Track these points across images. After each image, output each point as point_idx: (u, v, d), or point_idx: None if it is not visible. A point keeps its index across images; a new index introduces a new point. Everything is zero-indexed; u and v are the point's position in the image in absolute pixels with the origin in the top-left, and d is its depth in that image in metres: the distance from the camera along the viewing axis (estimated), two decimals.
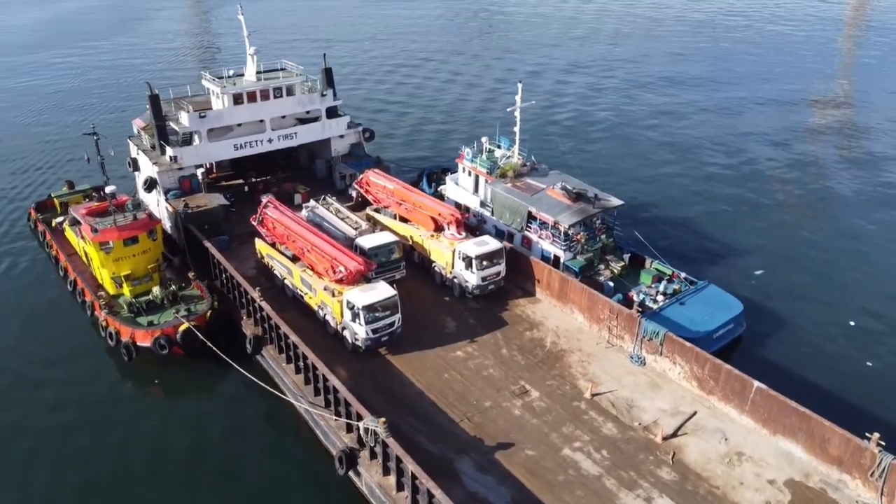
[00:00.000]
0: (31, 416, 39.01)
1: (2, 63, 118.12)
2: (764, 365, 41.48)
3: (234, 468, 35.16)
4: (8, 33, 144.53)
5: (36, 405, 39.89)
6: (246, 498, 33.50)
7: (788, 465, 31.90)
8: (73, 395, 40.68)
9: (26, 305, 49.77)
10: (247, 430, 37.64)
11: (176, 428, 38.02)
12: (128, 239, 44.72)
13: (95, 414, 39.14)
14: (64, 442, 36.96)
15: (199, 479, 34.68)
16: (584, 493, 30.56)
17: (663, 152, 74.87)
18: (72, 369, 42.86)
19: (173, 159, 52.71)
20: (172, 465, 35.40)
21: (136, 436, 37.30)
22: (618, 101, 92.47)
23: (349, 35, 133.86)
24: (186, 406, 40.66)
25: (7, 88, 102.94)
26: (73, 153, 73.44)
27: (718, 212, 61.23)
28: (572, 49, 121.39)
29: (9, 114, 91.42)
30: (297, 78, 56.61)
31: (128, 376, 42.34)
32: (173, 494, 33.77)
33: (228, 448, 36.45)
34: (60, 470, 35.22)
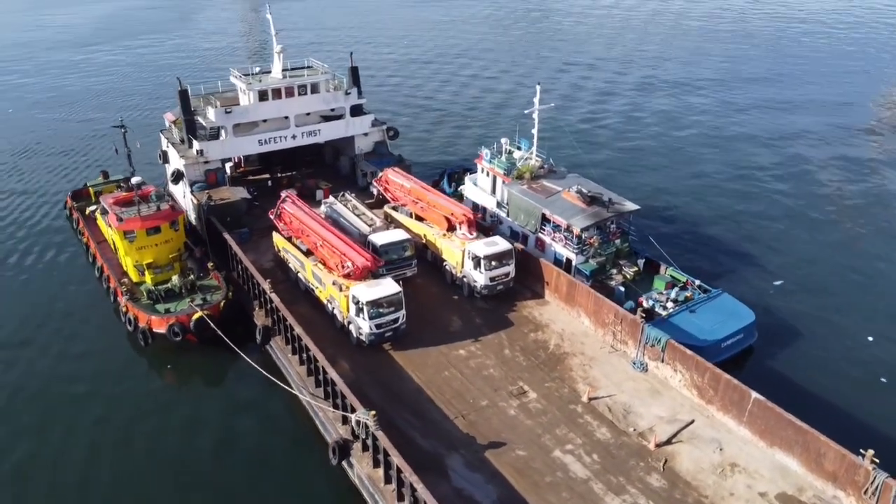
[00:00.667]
0: (51, 385, 41.70)
1: (56, 60, 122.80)
2: (773, 376, 40.95)
3: (234, 451, 36.30)
4: (64, 32, 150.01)
5: (56, 376, 42.45)
6: (243, 480, 34.48)
7: (783, 478, 31.38)
8: (90, 370, 42.84)
9: (56, 288, 52.11)
10: (250, 417, 38.73)
11: (182, 411, 39.45)
12: (150, 228, 46.29)
13: (107, 389, 41.17)
14: (76, 411, 39.45)
15: (199, 459, 36.02)
16: (570, 495, 30.62)
17: (692, 158, 73.91)
18: (91, 349, 44.91)
19: (199, 153, 54.32)
20: (173, 446, 36.81)
21: (142, 414, 39.06)
22: (653, 106, 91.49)
23: (386, 35, 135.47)
24: (195, 391, 42.19)
25: (57, 85, 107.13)
26: (111, 144, 76.14)
27: (742, 221, 60.14)
28: (611, 50, 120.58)
29: (59, 107, 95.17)
30: (322, 76, 57.69)
31: (143, 360, 43.94)
32: (171, 472, 35.15)
33: (230, 432, 37.61)
34: (70, 434, 37.83)
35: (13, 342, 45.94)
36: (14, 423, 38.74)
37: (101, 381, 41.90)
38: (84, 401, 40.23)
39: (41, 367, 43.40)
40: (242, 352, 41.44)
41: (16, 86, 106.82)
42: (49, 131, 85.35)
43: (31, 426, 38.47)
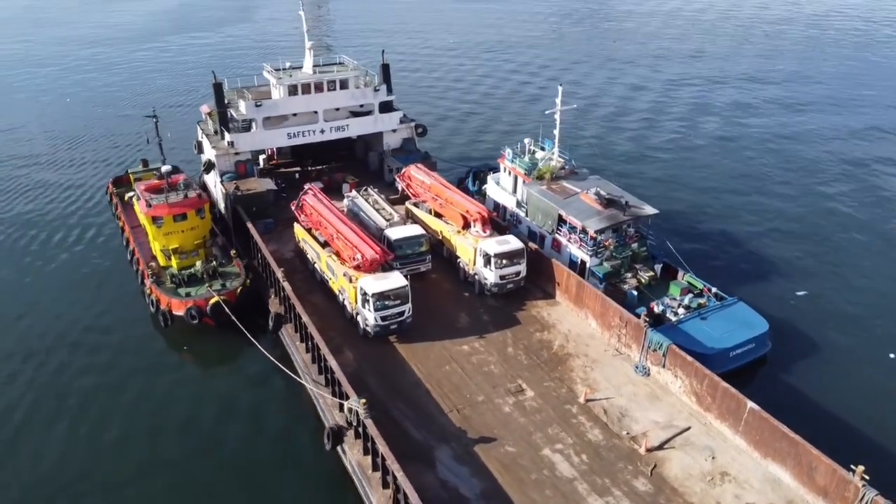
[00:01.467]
0: (76, 353, 44.62)
1: (114, 54, 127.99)
2: (783, 388, 40.36)
3: (238, 431, 37.73)
4: (126, 27, 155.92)
5: (82, 346, 45.47)
6: (242, 458, 35.86)
7: (773, 490, 30.83)
8: (113, 344, 45.49)
9: (91, 267, 55.13)
10: (256, 399, 40.11)
11: (192, 388, 41.36)
12: (177, 215, 48.08)
13: (125, 362, 43.68)
14: (95, 378, 42.23)
15: (200, 433, 37.72)
16: (553, 493, 30.75)
17: (727, 166, 72.75)
18: (116, 325, 47.44)
19: (230, 144, 56.14)
20: (177, 419, 38.66)
21: (153, 386, 41.32)
22: (689, 111, 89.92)
23: (431, 32, 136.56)
24: (207, 371, 44.03)
25: (113, 80, 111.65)
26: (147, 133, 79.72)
27: (768, 229, 59.14)
28: (656, 53, 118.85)
29: (112, 100, 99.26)
30: (351, 72, 58.84)
31: (162, 340, 45.93)
32: (175, 444, 36.91)
33: (237, 413, 39.07)
34: (87, 397, 40.68)
35: (48, 314, 48.83)
36: (35, 383, 41.91)
37: (122, 354, 44.35)
38: (103, 370, 42.90)
39: (69, 337, 46.24)
40: (257, 338, 42.86)
41: (74, 79, 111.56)
42: (102, 121, 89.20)
43: (51, 384, 41.82)
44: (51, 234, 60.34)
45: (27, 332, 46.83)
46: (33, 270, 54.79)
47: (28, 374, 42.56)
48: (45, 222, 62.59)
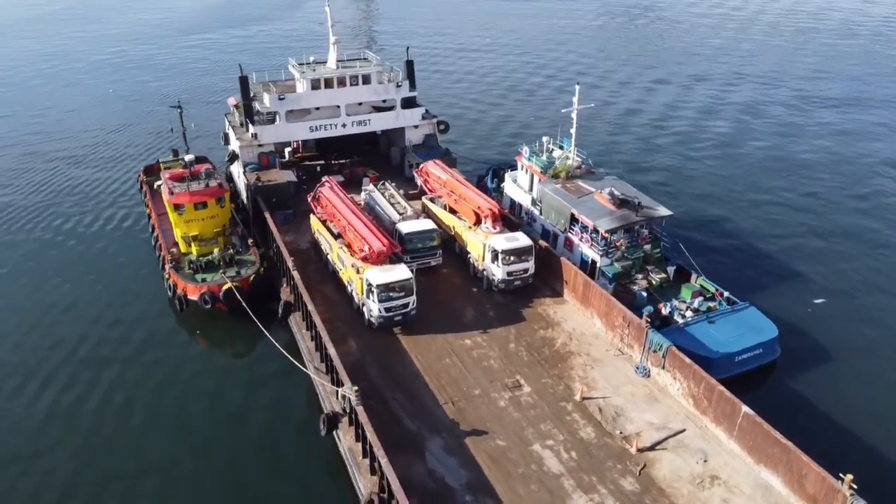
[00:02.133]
0: (90, 333, 46.52)
1: (158, 48, 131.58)
2: (789, 396, 39.74)
3: (241, 414, 38.81)
4: (174, 19, 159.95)
5: (100, 321, 47.74)
6: (244, 440, 36.95)
7: (763, 496, 30.41)
8: (130, 322, 47.58)
9: (118, 252, 57.24)
10: (261, 383, 41.25)
11: (198, 368, 42.87)
12: (198, 203, 49.48)
13: (138, 341, 45.46)
14: (106, 355, 44.11)
15: (200, 408, 39.19)
16: (538, 488, 30.87)
17: (751, 170, 71.59)
18: (135, 307, 49.30)
19: (254, 136, 57.45)
20: (184, 402, 39.93)
21: (162, 364, 43.16)
22: (734, 115, 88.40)
23: (469, 30, 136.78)
24: (217, 355, 45.37)
25: (156, 70, 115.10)
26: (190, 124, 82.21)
27: (791, 236, 57.98)
28: (690, 55, 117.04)
29: (154, 89, 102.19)
30: (374, 67, 59.60)
31: (177, 323, 47.40)
32: (170, 417, 38.70)
33: (238, 395, 40.30)
34: (100, 364, 43.14)
35: (73, 291, 51.43)
36: (56, 349, 44.69)
37: (136, 333, 46.37)
38: (118, 344, 45.27)
39: (90, 313, 48.63)
40: (267, 325, 43.88)
41: (119, 72, 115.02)
42: (141, 112, 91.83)
43: (70, 353, 44.47)
44: (85, 218, 62.74)
45: (51, 306, 49.31)
46: (67, 251, 57.28)
47: (49, 341, 45.38)
48: (82, 207, 65.20)
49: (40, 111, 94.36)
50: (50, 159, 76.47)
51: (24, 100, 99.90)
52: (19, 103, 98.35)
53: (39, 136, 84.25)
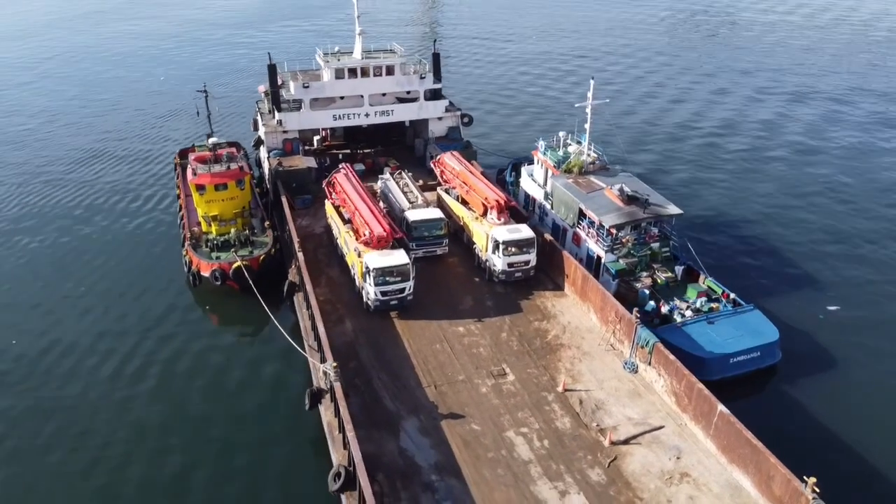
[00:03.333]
0: (114, 305, 49.16)
1: (214, 37, 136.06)
2: (783, 400, 39.11)
3: (240, 387, 40.60)
4: (232, 12, 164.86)
5: (120, 287, 51.10)
6: (238, 411, 38.64)
7: (731, 496, 29.98)
8: (146, 296, 50.08)
9: (149, 230, 60.06)
10: (260, 357, 43.03)
11: (206, 343, 44.75)
12: (219, 184, 51.37)
13: (153, 313, 47.96)
14: (126, 326, 46.53)
15: (208, 387, 40.80)
16: (505, 472, 31.19)
17: (778, 172, 70.14)
18: (154, 281, 52.02)
19: (279, 123, 59.19)
20: (189, 373, 41.82)
21: (170, 333, 45.43)
22: (769, 118, 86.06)
23: (518, 27, 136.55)
24: (223, 329, 47.36)
25: (206, 61, 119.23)
26: (227, 111, 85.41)
27: (811, 241, 56.57)
28: (727, 57, 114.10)
29: (203, 78, 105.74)
30: (398, 58, 60.54)
31: (190, 298, 49.65)
32: (169, 381, 40.97)
33: (242, 371, 42.00)
34: (116, 340, 45.12)
35: (102, 262, 54.83)
36: (77, 321, 47.29)
37: (153, 305, 48.93)
38: (138, 315, 47.70)
39: (116, 286, 51.60)
40: (274, 304, 45.38)
41: (172, 60, 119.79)
42: (189, 98, 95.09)
43: (88, 321, 47.35)
44: (123, 198, 66.04)
45: (83, 277, 52.56)
46: (102, 227, 60.50)
47: (76, 311, 48.43)
48: (126, 185, 68.81)
49: (100, 94, 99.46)
50: (101, 139, 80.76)
51: (89, 84, 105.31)
52: (84, 87, 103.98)
53: (95, 118, 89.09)
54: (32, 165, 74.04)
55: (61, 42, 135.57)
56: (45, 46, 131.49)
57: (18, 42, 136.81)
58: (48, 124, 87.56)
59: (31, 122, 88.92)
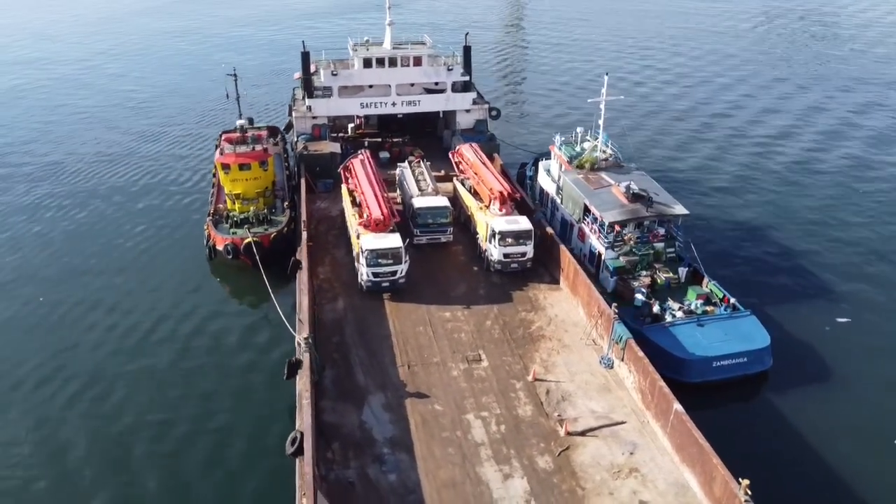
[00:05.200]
0: (136, 263, 53.67)
1: (277, 30, 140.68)
2: (763, 409, 38.06)
3: (232, 355, 42.73)
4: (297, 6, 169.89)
5: (146, 253, 55.03)
6: (226, 377, 40.81)
7: (676, 495, 29.69)
8: (165, 264, 53.48)
9: (183, 205, 63.52)
10: (259, 332, 44.94)
11: (215, 313, 47.14)
12: (242, 164, 53.85)
13: (171, 281, 50.98)
14: (147, 291, 49.61)
15: (204, 353, 43.10)
16: (455, 452, 31.86)
17: (797, 183, 67.32)
18: (176, 252, 55.45)
19: (309, 108, 61.38)
20: (190, 337, 44.53)
21: (178, 302, 48.10)
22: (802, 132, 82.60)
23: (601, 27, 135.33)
24: (229, 300, 50.12)
25: (262, 53, 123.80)
26: (268, 97, 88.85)
27: (828, 251, 54.44)
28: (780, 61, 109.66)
29: (258, 66, 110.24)
30: (425, 50, 61.62)
31: (206, 270, 52.46)
32: (180, 354, 43.07)
33: (237, 340, 44.19)
34: (136, 302, 48.28)
35: (140, 229, 58.89)
36: (101, 290, 50.35)
37: (170, 273, 52.21)
38: (156, 273, 51.92)
39: (142, 243, 56.52)
40: (283, 281, 47.32)
41: (231, 51, 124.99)
42: (245, 83, 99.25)
43: (116, 287, 50.66)
44: (168, 175, 70.12)
45: (115, 243, 56.77)
46: (148, 200, 64.68)
47: (101, 281, 51.52)
48: (173, 163, 73.07)
49: (171, 79, 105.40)
50: (156, 128, 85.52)
51: (164, 70, 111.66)
52: (151, 71, 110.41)
53: (162, 101, 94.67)
54: (104, 143, 79.52)
55: (143, 29, 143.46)
56: (130, 34, 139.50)
57: (107, 27, 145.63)
58: (119, 107, 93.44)
59: (109, 102, 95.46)
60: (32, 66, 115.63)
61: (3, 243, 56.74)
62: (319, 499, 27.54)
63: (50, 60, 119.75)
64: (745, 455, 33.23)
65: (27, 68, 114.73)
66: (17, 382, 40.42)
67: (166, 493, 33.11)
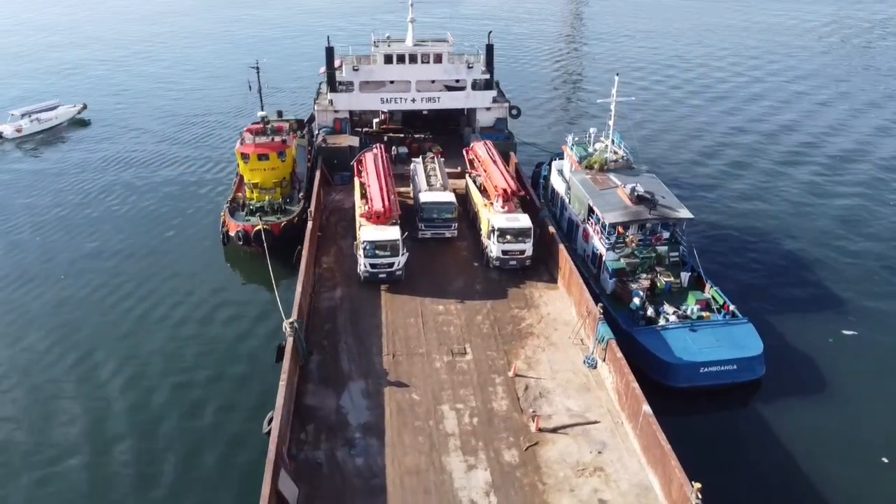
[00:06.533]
0: (157, 243, 56.34)
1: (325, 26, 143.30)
2: (749, 418, 37.32)
3: (234, 338, 44.17)
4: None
5: (167, 241, 57.02)
6: (222, 354, 42.52)
7: (637, 495, 29.58)
8: (181, 246, 56.17)
9: (208, 195, 65.61)
10: (261, 315, 46.07)
11: (224, 297, 48.75)
12: (261, 155, 55.51)
13: (185, 262, 53.36)
14: (164, 272, 51.79)
15: (209, 333, 44.78)
16: (424, 440, 32.39)
17: (816, 193, 65.39)
18: (193, 236, 57.78)
19: (330, 102, 62.79)
20: (197, 317, 46.37)
21: (196, 288, 49.73)
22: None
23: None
24: (235, 283, 51.86)
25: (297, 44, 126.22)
26: (295, 92, 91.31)
27: (843, 262, 52.84)
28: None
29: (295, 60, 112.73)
30: (446, 47, 62.22)
31: (219, 254, 54.35)
32: (186, 334, 44.77)
33: (238, 319, 45.98)
34: (154, 284, 50.34)
35: (163, 212, 61.85)
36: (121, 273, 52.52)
37: (190, 249, 55.46)
38: (173, 254, 54.53)
39: (166, 230, 58.77)
40: (288, 267, 48.75)
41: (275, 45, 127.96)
42: (283, 77, 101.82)
43: (135, 267, 53.11)
44: (195, 165, 72.76)
45: (141, 223, 59.86)
46: (179, 184, 67.85)
47: (122, 261, 54.14)
48: (209, 155, 75.81)
49: (209, 73, 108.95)
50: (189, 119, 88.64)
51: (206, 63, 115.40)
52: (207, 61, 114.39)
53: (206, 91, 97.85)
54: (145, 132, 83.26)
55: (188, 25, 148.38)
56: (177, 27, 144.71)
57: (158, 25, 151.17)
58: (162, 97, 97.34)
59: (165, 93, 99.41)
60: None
61: (38, 226, 59.83)
62: (282, 476, 28.46)
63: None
64: (719, 462, 33.41)
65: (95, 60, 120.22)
66: (29, 354, 42.98)
67: (144, 455, 35.05)
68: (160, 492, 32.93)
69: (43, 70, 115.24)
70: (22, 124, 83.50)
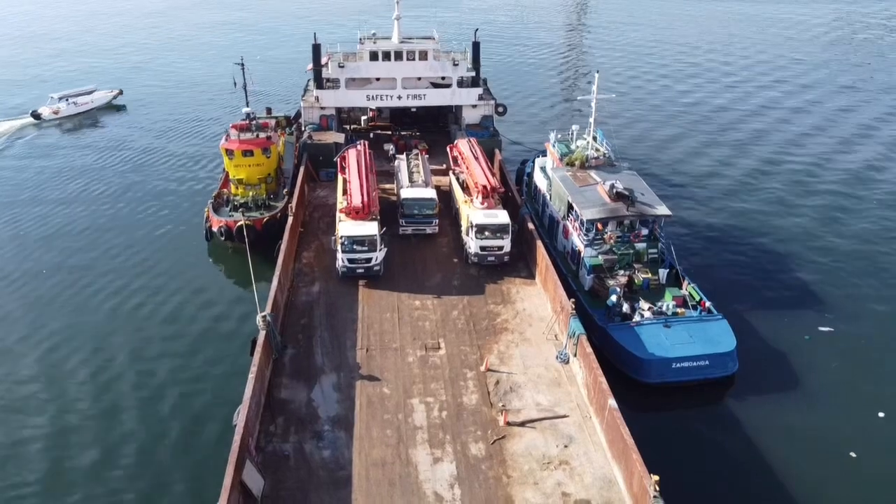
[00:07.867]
0: (139, 239, 56.75)
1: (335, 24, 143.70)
2: (730, 414, 37.58)
3: (210, 329, 44.66)
4: None
5: (152, 236, 57.46)
6: (196, 346, 43.04)
7: (600, 488, 29.76)
8: (165, 241, 56.55)
9: (197, 187, 66.18)
10: (238, 307, 46.60)
11: (203, 289, 49.21)
12: (245, 151, 55.71)
13: (169, 257, 53.89)
14: (147, 266, 52.58)
15: (187, 324, 45.28)
16: (392, 433, 32.58)
17: (806, 193, 65.43)
18: (178, 232, 58.10)
19: (316, 99, 62.97)
20: (178, 309, 46.92)
21: (174, 275, 50.98)
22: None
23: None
24: (216, 277, 52.07)
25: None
26: (288, 90, 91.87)
27: (820, 259, 53.24)
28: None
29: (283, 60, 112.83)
30: (431, 45, 62.39)
31: (202, 249, 54.63)
32: (166, 321, 45.64)
33: (215, 312, 46.45)
34: (140, 278, 50.92)
35: (153, 208, 62.26)
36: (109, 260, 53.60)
37: (173, 244, 55.92)
38: (156, 249, 55.13)
39: (151, 234, 58.15)
40: (268, 261, 48.92)
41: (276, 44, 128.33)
42: (278, 74, 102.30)
43: (117, 259, 53.78)
44: (184, 162, 73.12)
45: (129, 219, 60.45)
46: (167, 183, 68.11)
47: (108, 252, 54.85)
48: (204, 152, 76.02)
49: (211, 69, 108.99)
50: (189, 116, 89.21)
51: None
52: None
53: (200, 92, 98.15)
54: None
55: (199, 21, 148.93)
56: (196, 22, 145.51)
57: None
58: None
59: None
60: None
61: (25, 220, 60.27)
62: (248, 468, 28.69)
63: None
64: (685, 457, 33.68)
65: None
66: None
67: (104, 443, 35.61)
68: (123, 482, 33.37)
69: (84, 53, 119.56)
70: (60, 107, 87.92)
